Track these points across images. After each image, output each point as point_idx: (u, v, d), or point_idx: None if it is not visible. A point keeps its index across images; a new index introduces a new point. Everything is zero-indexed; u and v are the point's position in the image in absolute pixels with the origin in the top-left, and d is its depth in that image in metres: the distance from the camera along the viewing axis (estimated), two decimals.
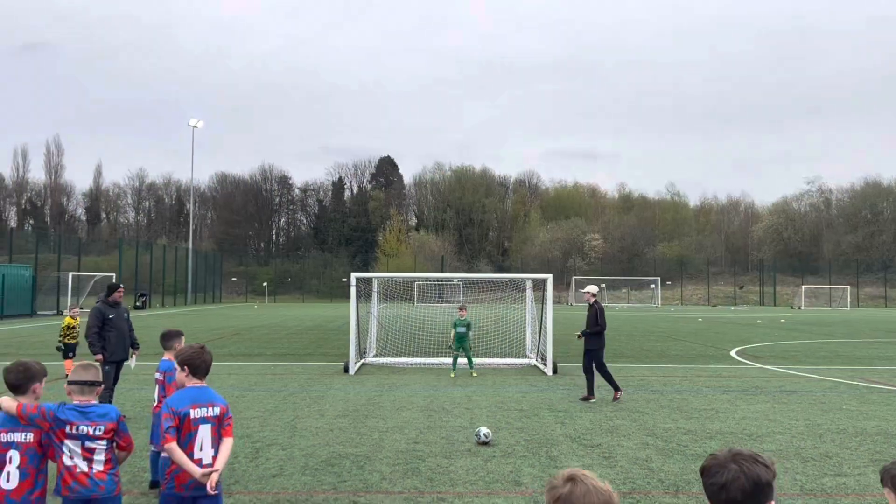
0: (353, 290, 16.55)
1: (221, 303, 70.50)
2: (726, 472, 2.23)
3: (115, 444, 4.19)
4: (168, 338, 6.58)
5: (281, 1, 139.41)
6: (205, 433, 4.26)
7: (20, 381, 4.14)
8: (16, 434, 4.02)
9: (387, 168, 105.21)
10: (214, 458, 4.25)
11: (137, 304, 52.20)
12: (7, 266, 38.99)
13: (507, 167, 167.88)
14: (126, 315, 10.46)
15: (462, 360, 15.62)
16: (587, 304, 12.46)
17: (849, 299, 69.56)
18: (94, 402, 4.17)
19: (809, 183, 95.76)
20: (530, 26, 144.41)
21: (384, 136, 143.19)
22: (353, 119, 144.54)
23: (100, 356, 9.75)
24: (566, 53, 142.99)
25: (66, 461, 4.04)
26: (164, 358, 6.55)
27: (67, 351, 14.51)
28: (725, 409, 11.21)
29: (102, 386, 4.33)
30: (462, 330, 15.39)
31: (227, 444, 4.33)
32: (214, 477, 4.12)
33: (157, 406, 6.44)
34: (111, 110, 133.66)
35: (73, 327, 14.73)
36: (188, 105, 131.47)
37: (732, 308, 65.48)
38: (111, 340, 10.02)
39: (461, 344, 15.39)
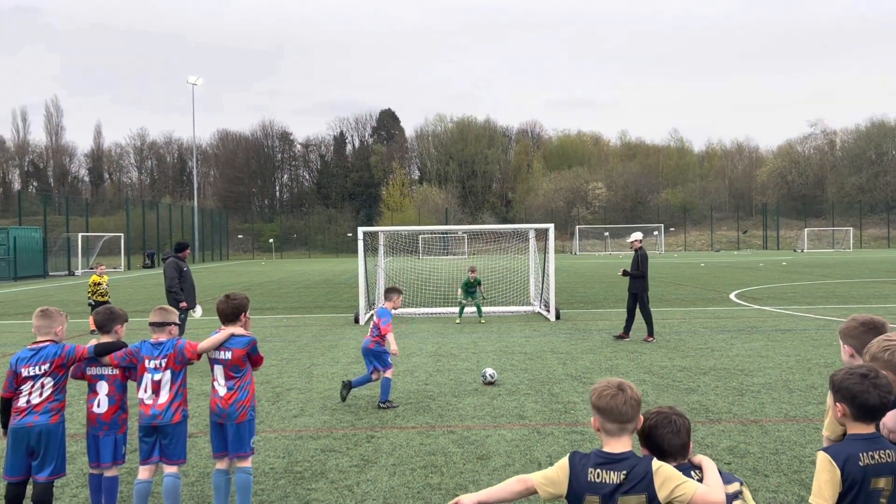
0: (360, 244, 17.02)
1: (229, 260, 71.29)
2: (675, 422, 2.86)
3: (180, 371, 4.72)
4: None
5: None
6: (218, 372, 4.82)
7: (105, 321, 4.77)
8: (103, 368, 4.66)
9: (388, 121, 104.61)
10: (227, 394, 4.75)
11: (146, 262, 52.86)
12: (18, 228, 39.53)
13: (509, 118, 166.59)
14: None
15: (470, 310, 16.22)
16: (633, 251, 13.26)
17: (851, 241, 69.90)
18: (164, 339, 4.76)
19: (813, 126, 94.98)
20: None
21: (385, 89, 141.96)
22: (353, 73, 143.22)
23: (184, 303, 10.95)
24: (565, 1, 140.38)
25: (140, 393, 4.68)
26: None
27: (96, 307, 15.11)
28: (721, 347, 11.73)
29: (175, 325, 4.90)
30: (472, 290, 16.09)
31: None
32: None
33: None
34: (108, 70, 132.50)
35: (100, 283, 15.31)
36: (186, 62, 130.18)
37: (736, 253, 65.93)
38: (184, 291, 11.16)
39: (471, 296, 16.02)
